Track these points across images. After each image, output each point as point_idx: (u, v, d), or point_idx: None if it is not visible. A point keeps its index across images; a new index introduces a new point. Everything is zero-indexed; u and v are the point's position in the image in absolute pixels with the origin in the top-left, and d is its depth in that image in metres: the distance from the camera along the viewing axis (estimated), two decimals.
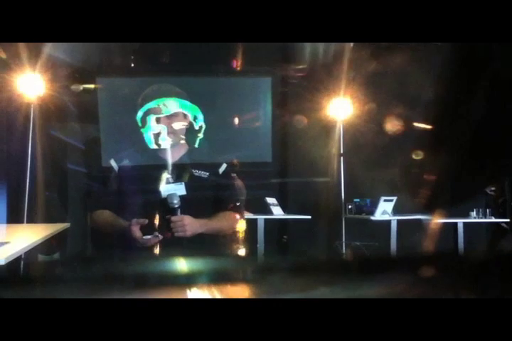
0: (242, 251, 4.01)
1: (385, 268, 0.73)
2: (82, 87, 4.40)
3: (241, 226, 3.61)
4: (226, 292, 0.64)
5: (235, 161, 3.09)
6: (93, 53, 3.95)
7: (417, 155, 0.94)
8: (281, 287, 0.67)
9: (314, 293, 0.65)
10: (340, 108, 5.08)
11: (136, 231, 1.78)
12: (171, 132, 1.96)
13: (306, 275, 0.71)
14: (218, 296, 0.61)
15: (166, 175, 1.94)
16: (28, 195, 4.38)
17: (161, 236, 1.81)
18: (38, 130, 4.45)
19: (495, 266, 0.69)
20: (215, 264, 0.75)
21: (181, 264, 0.71)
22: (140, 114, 2.00)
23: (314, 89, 4.83)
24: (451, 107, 0.83)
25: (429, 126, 0.90)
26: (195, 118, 2.05)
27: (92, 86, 4.41)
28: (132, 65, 4.56)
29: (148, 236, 1.79)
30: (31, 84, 4.37)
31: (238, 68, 4.75)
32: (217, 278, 0.68)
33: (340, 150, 5.20)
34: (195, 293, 0.62)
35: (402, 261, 0.75)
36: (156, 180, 1.91)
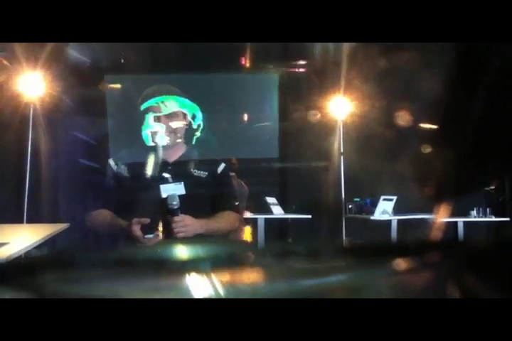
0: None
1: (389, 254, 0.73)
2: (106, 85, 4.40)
3: (242, 225, 3.62)
4: (233, 278, 0.64)
5: (234, 160, 3.09)
6: (100, 51, 3.94)
7: (421, 154, 0.95)
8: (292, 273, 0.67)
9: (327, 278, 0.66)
10: (343, 106, 5.04)
11: (137, 231, 1.78)
12: (169, 131, 1.96)
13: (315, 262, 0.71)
14: (222, 284, 0.61)
15: (165, 175, 1.94)
16: (28, 195, 4.38)
17: (161, 236, 1.81)
18: (39, 128, 4.44)
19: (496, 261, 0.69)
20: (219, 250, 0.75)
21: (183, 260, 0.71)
22: (139, 111, 2.00)
23: (319, 85, 4.80)
24: (453, 106, 0.83)
25: (431, 126, 0.90)
26: (193, 116, 2.05)
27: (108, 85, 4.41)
28: (140, 61, 4.53)
29: (150, 236, 1.79)
30: (33, 82, 4.36)
31: (245, 65, 4.75)
32: (222, 264, 0.68)
33: (340, 149, 5.19)
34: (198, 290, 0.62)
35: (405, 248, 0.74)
36: (155, 179, 1.91)
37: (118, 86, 4.58)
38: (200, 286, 0.61)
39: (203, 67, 4.52)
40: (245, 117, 5.03)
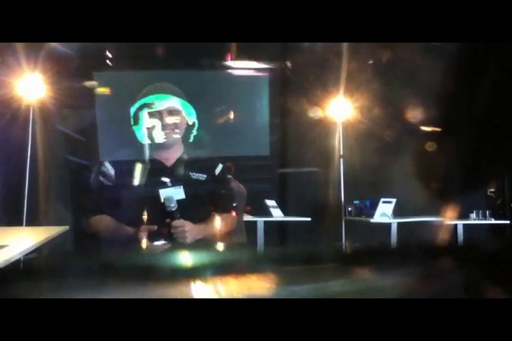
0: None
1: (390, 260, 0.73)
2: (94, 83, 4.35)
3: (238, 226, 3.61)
4: (231, 286, 0.63)
5: (230, 164, 3.08)
6: (88, 47, 3.87)
7: (421, 155, 0.94)
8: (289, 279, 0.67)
9: (324, 285, 0.65)
10: (340, 107, 5.00)
11: (145, 238, 1.76)
12: (165, 127, 1.93)
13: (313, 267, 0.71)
14: (222, 291, 0.61)
15: (164, 179, 1.92)
16: (27, 197, 4.37)
17: (169, 244, 1.79)
18: (38, 130, 4.43)
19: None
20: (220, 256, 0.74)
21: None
22: (133, 110, 1.98)
23: (313, 84, 4.76)
24: (454, 108, 0.83)
25: (432, 128, 0.90)
26: (188, 114, 2.03)
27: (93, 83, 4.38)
28: (129, 58, 4.46)
29: (159, 243, 1.78)
30: (30, 83, 4.33)
31: (237, 63, 4.71)
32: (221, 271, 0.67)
33: (340, 150, 5.17)
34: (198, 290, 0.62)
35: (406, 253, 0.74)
36: (154, 184, 1.89)
37: (108, 87, 4.54)
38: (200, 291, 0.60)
39: (198, 64, 4.46)
40: (243, 114, 4.98)
